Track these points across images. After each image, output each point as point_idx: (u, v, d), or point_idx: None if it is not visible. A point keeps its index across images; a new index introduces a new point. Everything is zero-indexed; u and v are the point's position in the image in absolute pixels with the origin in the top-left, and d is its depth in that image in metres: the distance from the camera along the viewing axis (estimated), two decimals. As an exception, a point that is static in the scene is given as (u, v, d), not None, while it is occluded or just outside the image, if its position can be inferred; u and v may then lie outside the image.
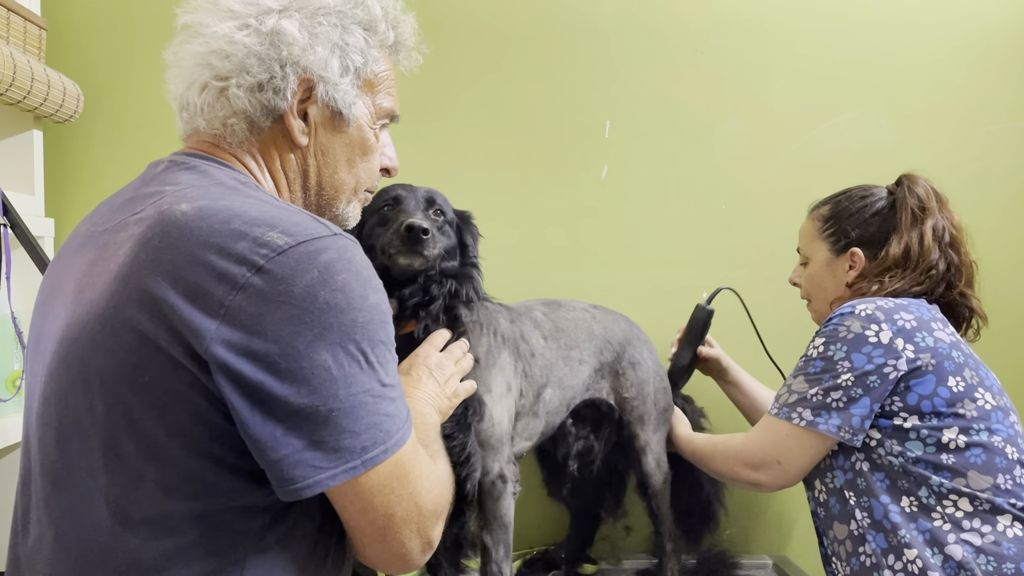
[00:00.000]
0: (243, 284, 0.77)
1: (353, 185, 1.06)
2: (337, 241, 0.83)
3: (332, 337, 0.79)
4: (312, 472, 0.79)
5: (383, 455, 0.82)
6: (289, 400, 0.78)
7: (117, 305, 0.80)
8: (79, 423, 0.83)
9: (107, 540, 0.81)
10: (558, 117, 2.04)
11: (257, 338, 0.77)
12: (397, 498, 0.85)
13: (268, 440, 0.79)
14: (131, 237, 0.84)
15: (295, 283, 0.78)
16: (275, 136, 0.98)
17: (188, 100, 0.97)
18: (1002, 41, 2.07)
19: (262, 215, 0.82)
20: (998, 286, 2.01)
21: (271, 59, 0.94)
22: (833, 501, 1.42)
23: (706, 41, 2.05)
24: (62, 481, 0.85)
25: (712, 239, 2.05)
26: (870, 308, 1.39)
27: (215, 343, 0.77)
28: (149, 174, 0.96)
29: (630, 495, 1.90)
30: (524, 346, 1.55)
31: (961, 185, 2.04)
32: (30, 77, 1.65)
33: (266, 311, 0.77)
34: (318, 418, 0.79)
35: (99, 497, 0.82)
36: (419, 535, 0.88)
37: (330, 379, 0.79)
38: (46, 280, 0.98)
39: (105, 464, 0.81)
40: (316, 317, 0.78)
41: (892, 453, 1.35)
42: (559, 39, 2.03)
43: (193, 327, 0.77)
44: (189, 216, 0.81)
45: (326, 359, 0.79)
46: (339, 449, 0.80)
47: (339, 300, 0.80)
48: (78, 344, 0.83)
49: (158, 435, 0.80)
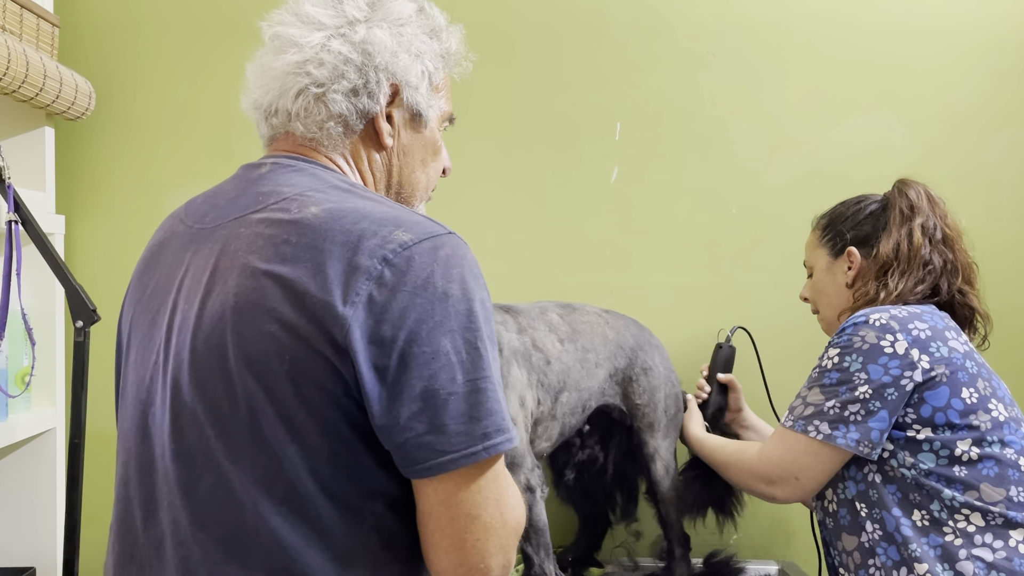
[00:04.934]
0: (375, 276, 0.84)
1: (425, 184, 1.12)
2: (452, 239, 0.90)
3: (451, 325, 0.85)
4: (433, 455, 0.84)
5: (507, 443, 0.87)
6: (413, 384, 0.83)
7: (257, 298, 0.86)
8: (218, 410, 0.87)
9: (252, 520, 0.86)
10: (568, 119, 2.03)
11: (386, 325, 0.83)
12: (483, 500, 0.87)
13: (392, 423, 0.84)
14: (260, 236, 0.90)
15: (419, 275, 0.85)
16: (365, 138, 1.04)
17: (279, 107, 1.02)
18: (1015, 46, 2.05)
19: (385, 215, 0.89)
20: (1008, 291, 2.01)
21: (366, 66, 1.00)
22: (843, 512, 1.42)
23: (717, 44, 2.04)
24: (200, 465, 0.88)
25: (722, 242, 2.04)
26: (884, 317, 1.38)
27: (352, 330, 0.82)
28: (252, 175, 1.00)
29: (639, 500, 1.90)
30: (537, 355, 1.55)
31: (972, 190, 2.04)
32: (42, 74, 1.65)
33: (393, 301, 0.84)
34: (438, 401, 0.84)
35: (241, 479, 0.86)
36: (501, 551, 0.90)
37: (449, 364, 0.84)
38: (144, 276, 1.03)
39: (248, 447, 0.86)
40: (437, 307, 0.85)
41: (904, 465, 1.34)
42: (570, 42, 2.02)
43: (333, 315, 0.83)
44: (321, 218, 0.88)
45: (446, 345, 0.84)
46: (460, 433, 0.84)
47: (456, 292, 0.86)
48: (215, 334, 0.88)
49: (298, 419, 0.85)
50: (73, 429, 1.51)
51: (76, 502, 1.52)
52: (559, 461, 1.76)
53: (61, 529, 1.73)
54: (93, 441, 1.60)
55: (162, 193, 1.97)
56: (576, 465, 1.71)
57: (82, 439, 1.51)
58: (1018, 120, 2.06)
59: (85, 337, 1.51)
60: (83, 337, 1.51)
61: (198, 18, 1.97)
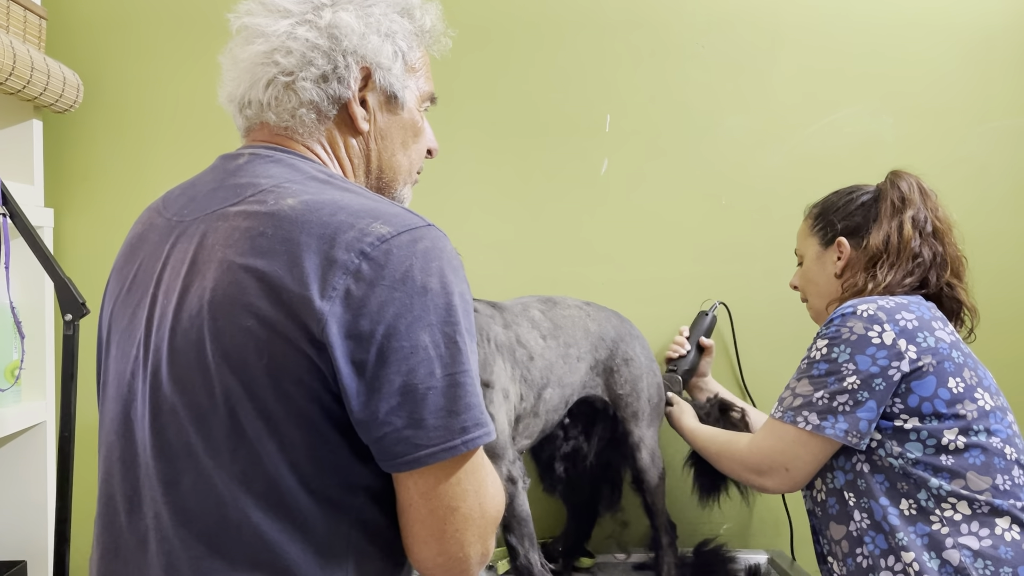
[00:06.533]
0: (352, 270, 0.83)
1: (408, 167, 1.11)
2: (431, 231, 0.89)
3: (430, 319, 0.85)
4: (412, 449, 0.84)
5: (485, 437, 0.87)
6: (391, 378, 0.83)
7: (235, 292, 0.85)
8: (197, 406, 0.87)
9: (234, 515, 0.86)
10: (558, 111, 2.03)
11: (364, 320, 0.83)
12: (463, 492, 0.88)
13: (371, 418, 0.84)
14: (236, 229, 0.89)
15: (397, 269, 0.84)
16: (340, 124, 1.03)
17: (251, 98, 1.01)
18: (1003, 36, 2.06)
19: (363, 207, 0.88)
20: (996, 283, 2.02)
21: (333, 50, 0.99)
22: (832, 501, 1.43)
23: (707, 36, 2.04)
24: (181, 461, 0.88)
25: (712, 234, 2.05)
26: (872, 308, 1.39)
27: (329, 325, 0.82)
28: (230, 166, 0.99)
29: (626, 490, 1.91)
30: (521, 351, 1.55)
31: (960, 181, 2.05)
32: (30, 66, 1.64)
33: (371, 295, 0.83)
34: (417, 396, 0.84)
35: (222, 475, 0.86)
36: (480, 540, 0.90)
37: (428, 359, 0.84)
38: (124, 269, 1.03)
39: (226, 442, 0.86)
40: (416, 301, 0.84)
41: (892, 454, 1.35)
42: (559, 33, 2.02)
43: (310, 310, 0.82)
44: (297, 211, 0.87)
45: (425, 340, 0.84)
46: (438, 427, 0.84)
47: (435, 285, 0.86)
48: (193, 329, 0.87)
49: (276, 414, 0.85)
50: (63, 422, 1.51)
51: (67, 495, 1.52)
52: (544, 455, 1.77)
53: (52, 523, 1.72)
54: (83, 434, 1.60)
55: (151, 186, 1.95)
56: (562, 458, 1.72)
57: (72, 432, 1.51)
58: (1006, 111, 2.07)
59: (74, 330, 1.51)
60: (72, 330, 1.51)
61: (186, 10, 1.96)
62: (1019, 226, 2.08)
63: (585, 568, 1.92)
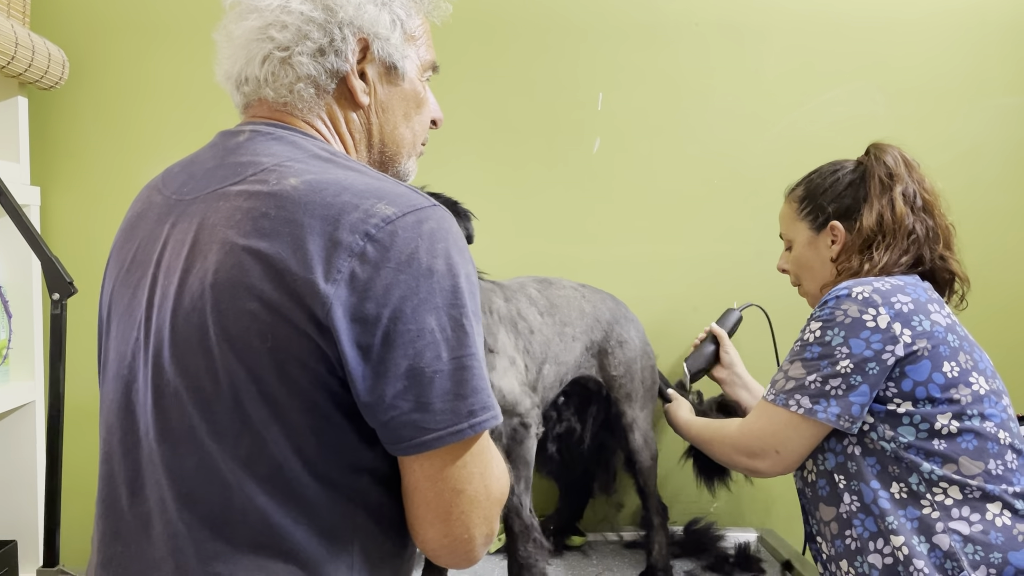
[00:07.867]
0: (357, 252, 0.82)
1: (411, 139, 1.09)
2: (436, 211, 0.88)
3: (436, 302, 0.84)
4: (419, 433, 0.84)
5: (492, 420, 0.87)
6: (398, 362, 0.82)
7: (237, 275, 0.84)
8: (200, 390, 0.86)
9: (238, 499, 0.85)
10: (550, 90, 2.01)
11: (369, 303, 0.82)
12: (469, 475, 0.88)
13: (377, 401, 0.83)
14: (238, 209, 0.88)
15: (403, 251, 0.83)
16: (339, 98, 1.01)
17: (247, 75, 0.99)
18: (998, 15, 2.05)
19: (367, 187, 0.86)
20: (991, 263, 2.02)
21: (329, 22, 0.96)
22: (822, 483, 1.43)
23: (701, 14, 2.02)
24: (184, 445, 0.88)
25: (704, 212, 2.04)
26: (867, 291, 1.38)
27: (334, 308, 0.81)
28: (230, 143, 0.97)
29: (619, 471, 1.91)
30: (522, 323, 1.55)
31: (955, 160, 2.05)
32: (14, 42, 1.61)
33: (377, 277, 0.82)
34: (424, 380, 0.83)
35: (226, 459, 0.86)
36: (485, 521, 0.90)
37: (434, 342, 0.83)
38: (123, 248, 1.01)
39: (231, 426, 0.85)
40: (422, 283, 0.83)
41: (884, 438, 1.35)
42: (550, 11, 2.00)
43: (314, 293, 0.81)
44: (300, 191, 0.86)
45: (431, 323, 0.83)
46: (445, 411, 0.84)
47: (441, 267, 0.84)
48: (196, 313, 0.86)
49: (281, 397, 0.84)
50: (52, 402, 1.51)
51: (56, 475, 1.51)
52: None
53: (42, 502, 1.72)
54: (72, 414, 1.59)
55: (139, 163, 1.94)
56: (555, 439, 1.72)
57: (61, 412, 1.51)
58: (1000, 90, 2.07)
59: (62, 309, 1.50)
60: (60, 310, 1.50)
61: (174, -16, 1.94)
62: (1013, 204, 2.08)
63: (576, 546, 1.93)
